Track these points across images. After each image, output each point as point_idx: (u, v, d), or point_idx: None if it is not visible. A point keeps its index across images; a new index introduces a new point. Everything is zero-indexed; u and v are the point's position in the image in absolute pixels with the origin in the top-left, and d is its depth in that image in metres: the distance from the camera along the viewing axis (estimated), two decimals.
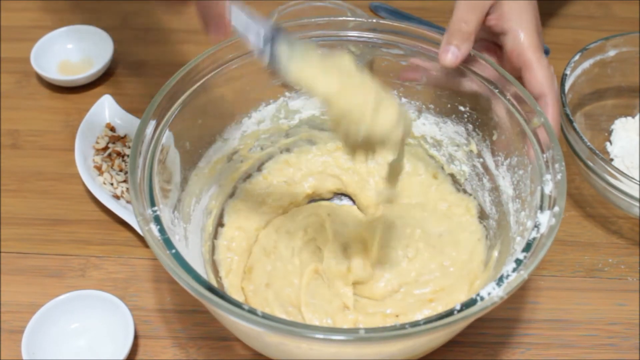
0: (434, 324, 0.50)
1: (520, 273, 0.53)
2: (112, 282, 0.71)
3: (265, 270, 0.68)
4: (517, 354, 0.66)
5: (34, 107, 0.87)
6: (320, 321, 0.63)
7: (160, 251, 0.54)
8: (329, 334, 0.50)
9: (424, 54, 0.68)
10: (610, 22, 0.98)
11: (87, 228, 0.76)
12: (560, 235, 0.72)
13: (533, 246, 0.55)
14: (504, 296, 0.52)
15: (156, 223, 0.56)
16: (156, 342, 0.67)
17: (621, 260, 0.73)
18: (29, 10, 0.99)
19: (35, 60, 0.89)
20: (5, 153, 0.83)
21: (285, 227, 0.71)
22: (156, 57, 0.94)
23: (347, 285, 0.66)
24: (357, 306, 0.65)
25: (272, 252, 0.69)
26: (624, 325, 0.68)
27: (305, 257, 0.68)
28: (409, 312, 0.64)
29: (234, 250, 0.69)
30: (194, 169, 0.68)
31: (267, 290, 0.66)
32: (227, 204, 0.72)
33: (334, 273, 0.66)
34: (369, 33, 0.69)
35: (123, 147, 0.80)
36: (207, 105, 0.66)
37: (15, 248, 0.74)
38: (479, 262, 0.66)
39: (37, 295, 0.69)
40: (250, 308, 0.51)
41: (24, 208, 0.77)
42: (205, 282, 0.53)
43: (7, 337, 0.67)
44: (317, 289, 0.66)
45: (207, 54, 0.66)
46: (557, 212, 0.56)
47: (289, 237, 0.70)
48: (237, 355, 0.66)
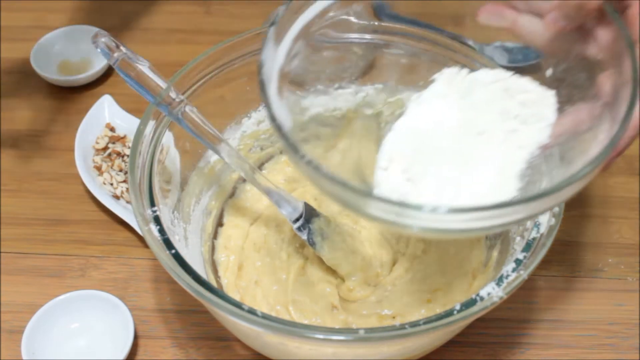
0: (434, 324, 0.50)
1: (520, 273, 0.53)
2: (112, 282, 0.71)
3: (255, 267, 0.68)
4: (516, 354, 0.66)
5: (34, 107, 0.87)
6: (310, 321, 0.63)
7: (160, 251, 0.55)
8: (329, 334, 0.50)
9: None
10: None
11: (87, 228, 0.76)
12: (560, 235, 0.72)
13: (533, 246, 0.55)
14: (503, 296, 0.52)
15: (156, 223, 0.56)
16: (156, 342, 0.67)
17: (621, 260, 0.73)
18: (29, 10, 0.99)
19: (35, 60, 0.89)
20: (5, 153, 0.83)
21: (275, 220, 0.71)
22: (156, 57, 0.93)
23: (331, 284, 0.66)
24: (349, 307, 0.65)
25: (262, 247, 0.69)
26: (624, 326, 0.68)
27: (292, 249, 0.68)
28: (406, 313, 0.63)
29: (231, 248, 0.69)
30: (194, 169, 0.68)
31: (256, 288, 0.66)
32: (226, 204, 0.72)
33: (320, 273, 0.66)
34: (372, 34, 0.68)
35: (123, 147, 0.80)
36: (206, 106, 0.66)
37: (15, 248, 0.74)
38: (478, 262, 0.66)
39: (37, 295, 0.69)
40: (250, 308, 0.51)
41: (24, 208, 0.77)
42: (205, 282, 0.53)
43: (7, 337, 0.67)
44: (303, 287, 0.66)
45: (207, 53, 0.66)
46: (557, 212, 0.56)
47: (278, 230, 0.70)
48: (236, 355, 0.66)
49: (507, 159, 0.54)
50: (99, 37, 0.56)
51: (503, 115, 0.55)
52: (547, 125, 0.54)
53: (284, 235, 0.69)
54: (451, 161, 0.54)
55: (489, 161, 0.54)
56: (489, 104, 0.56)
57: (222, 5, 1.00)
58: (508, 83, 0.56)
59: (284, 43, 0.54)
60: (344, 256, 0.66)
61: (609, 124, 0.49)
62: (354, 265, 0.66)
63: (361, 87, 0.69)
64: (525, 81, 0.56)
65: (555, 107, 0.54)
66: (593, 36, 0.53)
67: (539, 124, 0.54)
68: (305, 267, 0.68)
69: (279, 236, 0.69)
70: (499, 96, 0.56)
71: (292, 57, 0.55)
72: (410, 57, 0.67)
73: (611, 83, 0.51)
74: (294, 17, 0.54)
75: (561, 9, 0.51)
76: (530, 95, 0.55)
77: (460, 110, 0.55)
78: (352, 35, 0.66)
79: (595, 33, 0.53)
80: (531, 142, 0.54)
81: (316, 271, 0.67)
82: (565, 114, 0.54)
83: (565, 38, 0.54)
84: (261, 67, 0.50)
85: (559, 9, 0.51)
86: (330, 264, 0.66)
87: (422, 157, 0.54)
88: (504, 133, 0.54)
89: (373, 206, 0.46)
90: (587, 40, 0.54)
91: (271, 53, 0.52)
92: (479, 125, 0.55)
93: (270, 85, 0.50)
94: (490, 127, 0.55)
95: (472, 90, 0.56)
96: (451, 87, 0.57)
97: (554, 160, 0.54)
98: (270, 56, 0.51)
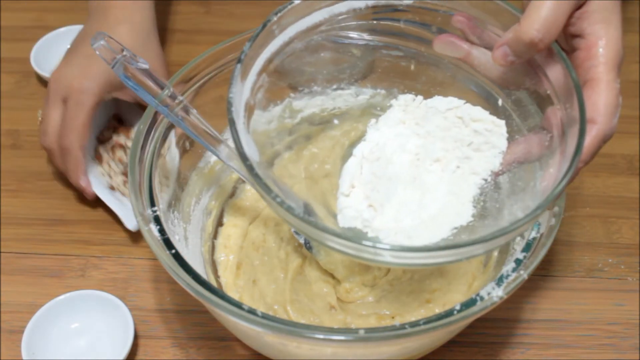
0: (434, 324, 0.50)
1: (520, 273, 0.53)
2: (112, 282, 0.71)
3: (253, 265, 0.68)
4: (516, 354, 0.66)
5: (34, 107, 0.87)
6: (308, 321, 0.63)
7: (160, 251, 0.55)
8: (330, 334, 0.50)
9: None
10: None
11: (87, 228, 0.76)
12: (560, 235, 0.72)
13: (533, 246, 0.55)
14: (503, 296, 0.52)
15: (156, 223, 0.56)
16: (156, 342, 0.67)
17: (621, 260, 0.73)
18: (29, 10, 1.00)
19: (35, 60, 0.89)
20: (5, 153, 0.83)
21: (274, 219, 0.71)
22: None
23: (329, 284, 0.66)
24: (347, 307, 0.65)
25: (260, 246, 0.69)
26: (623, 326, 0.68)
27: (291, 248, 0.68)
28: (405, 313, 0.63)
29: (230, 247, 0.69)
30: (194, 169, 0.68)
31: (254, 287, 0.66)
32: (226, 204, 0.72)
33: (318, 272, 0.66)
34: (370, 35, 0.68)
35: (126, 139, 0.80)
36: (206, 106, 0.66)
37: (15, 248, 0.74)
38: (477, 262, 0.66)
39: (37, 295, 0.69)
40: (250, 308, 0.51)
41: (24, 208, 0.77)
42: (205, 282, 0.53)
43: (7, 337, 0.67)
44: (301, 286, 0.66)
45: (207, 53, 0.66)
46: (557, 212, 0.56)
47: (277, 229, 0.70)
48: (236, 355, 0.66)
49: (461, 184, 0.56)
50: (97, 39, 0.56)
51: (457, 142, 0.58)
52: (498, 153, 0.57)
53: (283, 234, 0.69)
54: (410, 187, 0.57)
55: (445, 187, 0.56)
56: (444, 131, 0.58)
57: (222, 5, 1.00)
58: (462, 111, 0.59)
59: (249, 78, 0.56)
60: (341, 260, 0.66)
61: (558, 158, 0.52)
62: (351, 270, 0.66)
63: (361, 88, 0.69)
64: (478, 110, 0.58)
65: (506, 136, 0.57)
66: (543, 72, 0.55)
67: (491, 151, 0.57)
68: (304, 266, 0.67)
69: (278, 235, 0.69)
70: (453, 124, 0.58)
71: (257, 91, 0.57)
72: (409, 59, 0.68)
73: (559, 118, 0.53)
74: (259, 52, 0.56)
75: (510, 45, 0.53)
76: (482, 124, 0.58)
77: (417, 136, 0.58)
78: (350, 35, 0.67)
79: (545, 69, 0.55)
80: (484, 169, 0.56)
81: (314, 271, 0.67)
82: (517, 143, 0.57)
83: (516, 71, 0.57)
84: (230, 105, 0.51)
85: (508, 45, 0.53)
86: (326, 268, 0.66)
87: (382, 183, 0.57)
88: (458, 160, 0.57)
89: (335, 242, 0.48)
90: (537, 76, 0.56)
91: (238, 89, 0.53)
92: (434, 151, 0.57)
93: (239, 122, 0.52)
94: (445, 154, 0.57)
95: (428, 117, 0.58)
96: (407, 114, 0.59)
97: (505, 188, 0.57)
98: (238, 93, 0.53)
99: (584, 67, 0.53)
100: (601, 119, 0.52)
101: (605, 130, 0.52)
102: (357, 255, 0.49)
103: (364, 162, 0.58)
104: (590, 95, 0.52)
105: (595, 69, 0.53)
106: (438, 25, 0.61)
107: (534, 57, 0.55)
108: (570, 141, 0.51)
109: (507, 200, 0.56)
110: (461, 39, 0.59)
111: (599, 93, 0.52)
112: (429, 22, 0.61)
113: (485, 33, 0.58)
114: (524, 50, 0.52)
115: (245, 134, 0.53)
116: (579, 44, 0.54)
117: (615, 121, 0.53)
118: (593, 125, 0.52)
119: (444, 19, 0.60)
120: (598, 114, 0.52)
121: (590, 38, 0.53)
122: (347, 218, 0.55)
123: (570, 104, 0.52)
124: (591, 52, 0.53)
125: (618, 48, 0.53)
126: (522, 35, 0.51)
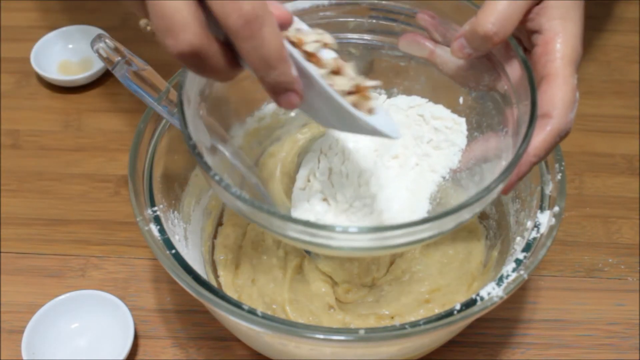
0: (434, 324, 0.50)
1: (520, 273, 0.53)
2: (112, 282, 0.71)
3: (251, 265, 0.68)
4: (516, 354, 0.66)
5: (34, 107, 0.87)
6: (307, 321, 0.63)
7: (160, 251, 0.55)
8: (330, 334, 0.50)
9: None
10: (610, 22, 0.98)
11: (87, 228, 0.76)
12: (560, 235, 0.72)
13: (533, 246, 0.55)
14: (503, 296, 0.52)
15: (156, 223, 0.56)
16: (156, 342, 0.67)
17: (621, 260, 0.73)
18: (29, 10, 0.99)
19: (35, 60, 0.89)
20: (5, 153, 0.83)
21: None
22: (156, 57, 0.93)
23: (327, 284, 0.66)
24: (346, 307, 0.65)
25: (259, 245, 0.69)
26: (624, 326, 0.68)
27: (290, 247, 0.68)
28: (404, 313, 0.63)
29: (229, 247, 0.69)
30: (194, 169, 0.68)
31: (252, 287, 0.66)
32: None
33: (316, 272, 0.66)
34: (369, 35, 0.68)
35: None
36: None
37: (15, 248, 0.74)
38: (477, 262, 0.66)
39: (37, 295, 0.69)
40: (250, 308, 0.51)
41: (24, 208, 0.77)
42: (205, 282, 0.53)
43: (7, 337, 0.67)
44: (299, 286, 0.66)
45: None
46: (557, 212, 0.56)
47: None
48: (236, 355, 0.66)
49: (419, 181, 0.57)
50: (97, 41, 0.56)
51: (417, 139, 0.58)
52: (457, 151, 0.57)
53: None
54: (367, 182, 0.57)
55: (402, 183, 0.57)
56: (405, 128, 0.59)
57: None
58: (423, 109, 0.59)
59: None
60: (340, 264, 0.66)
61: (511, 151, 0.52)
62: (350, 272, 0.66)
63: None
64: (439, 108, 0.59)
65: (466, 134, 0.58)
66: (502, 69, 0.55)
67: (450, 149, 0.58)
68: (302, 265, 0.67)
69: None
70: (414, 121, 0.59)
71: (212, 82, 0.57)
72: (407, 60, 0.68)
73: (516, 115, 0.54)
74: None
75: (467, 37, 0.53)
76: (443, 122, 0.58)
77: None
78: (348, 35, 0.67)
79: (505, 66, 0.55)
80: (442, 167, 0.57)
81: (313, 270, 0.67)
82: (475, 142, 0.58)
83: (476, 69, 0.57)
84: (181, 87, 0.52)
85: (465, 37, 0.54)
86: (324, 271, 0.66)
87: (338, 177, 0.57)
88: (417, 157, 0.58)
89: (288, 227, 0.48)
90: (497, 73, 0.56)
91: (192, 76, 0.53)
92: (394, 148, 0.58)
93: (188, 105, 0.52)
94: (404, 150, 0.58)
95: (390, 114, 0.58)
96: None
97: (462, 185, 0.58)
98: (192, 79, 0.53)
99: (541, 63, 0.53)
100: (557, 112, 0.51)
101: (561, 125, 0.52)
102: (311, 242, 0.48)
103: (322, 157, 0.58)
104: (546, 90, 0.52)
105: (552, 64, 0.52)
106: (404, 21, 0.62)
107: (494, 55, 0.55)
108: (522, 135, 0.51)
109: (463, 198, 0.56)
110: (426, 37, 0.59)
111: (555, 88, 0.52)
112: (395, 18, 0.62)
113: (449, 31, 0.58)
114: (479, 43, 0.53)
115: (195, 118, 0.53)
116: (537, 39, 0.54)
117: (572, 116, 0.52)
118: (549, 119, 0.51)
119: (407, 18, 0.61)
120: (554, 108, 0.51)
121: (547, 34, 0.53)
122: (299, 211, 0.56)
123: (527, 100, 0.52)
124: (548, 48, 0.53)
125: (575, 44, 0.53)
126: (478, 28, 0.52)
